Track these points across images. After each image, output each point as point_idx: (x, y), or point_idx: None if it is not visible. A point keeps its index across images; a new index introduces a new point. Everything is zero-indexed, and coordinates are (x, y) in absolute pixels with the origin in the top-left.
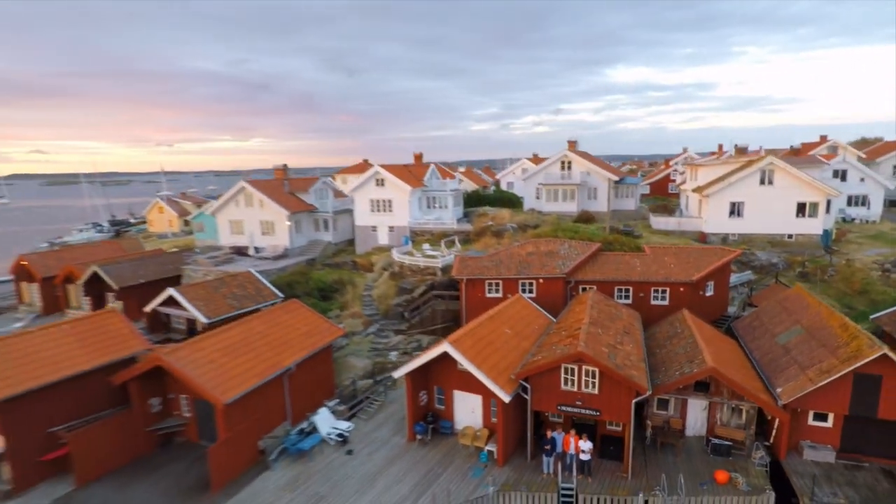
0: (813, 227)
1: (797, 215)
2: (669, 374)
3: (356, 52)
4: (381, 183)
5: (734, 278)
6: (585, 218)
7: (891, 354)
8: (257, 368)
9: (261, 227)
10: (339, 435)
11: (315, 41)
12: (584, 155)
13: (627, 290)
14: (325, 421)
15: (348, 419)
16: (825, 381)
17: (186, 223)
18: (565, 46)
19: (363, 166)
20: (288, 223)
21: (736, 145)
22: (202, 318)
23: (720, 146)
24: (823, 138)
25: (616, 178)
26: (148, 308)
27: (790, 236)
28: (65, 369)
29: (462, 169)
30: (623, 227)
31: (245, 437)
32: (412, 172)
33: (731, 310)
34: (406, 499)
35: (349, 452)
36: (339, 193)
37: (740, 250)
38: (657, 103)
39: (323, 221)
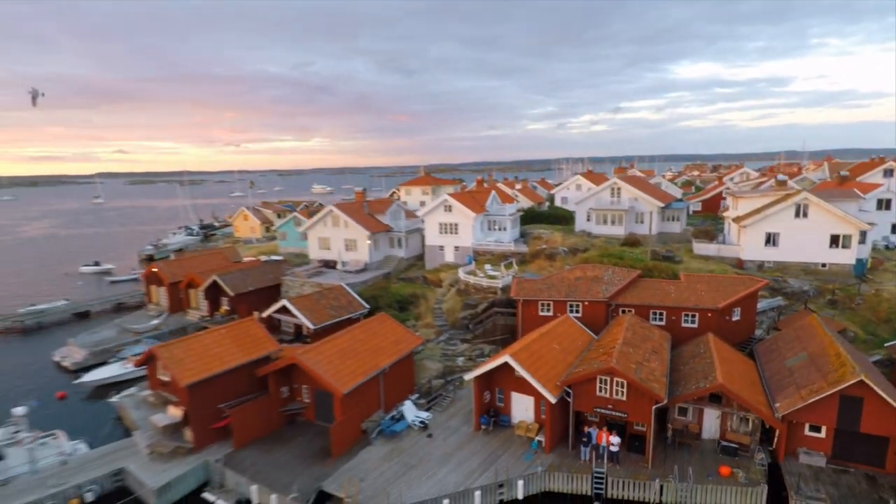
0: (846, 257)
1: (830, 246)
2: (687, 387)
3: (412, 53)
4: (448, 209)
5: (764, 303)
6: (632, 241)
7: (867, 381)
8: (362, 368)
9: (345, 244)
10: (422, 422)
11: (373, 43)
12: (633, 180)
13: (661, 314)
14: (410, 411)
15: (427, 410)
16: (813, 400)
17: (267, 229)
18: (625, 43)
19: (425, 179)
20: (368, 242)
21: (776, 178)
22: (309, 325)
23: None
24: (881, 160)
25: (662, 204)
26: (265, 314)
27: (824, 265)
28: (227, 363)
29: (519, 186)
30: (665, 252)
31: (353, 420)
32: (476, 199)
33: (759, 332)
34: (474, 472)
35: (429, 436)
36: (410, 214)
37: (766, 281)
38: (724, 100)
39: (397, 239)
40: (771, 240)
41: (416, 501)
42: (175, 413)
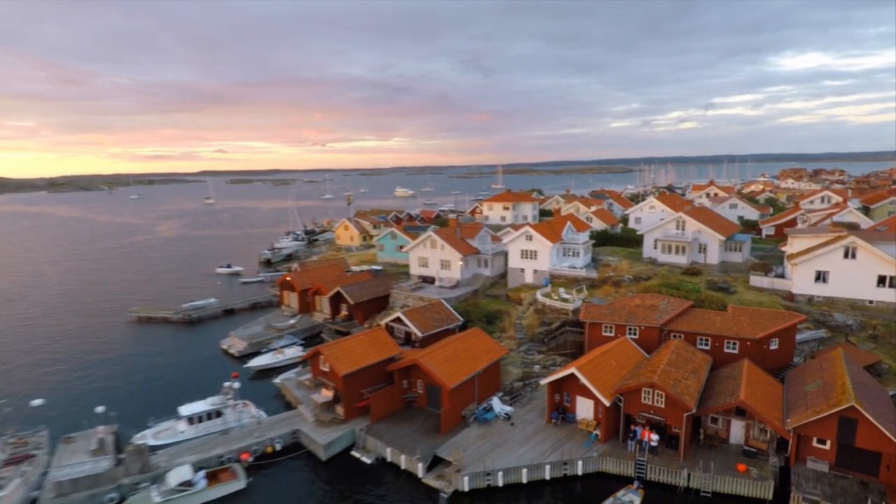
0: (892, 295)
1: (878, 285)
2: (716, 401)
3: (492, 52)
4: (529, 238)
5: (807, 334)
6: (692, 271)
7: (858, 407)
8: (463, 370)
9: (441, 263)
10: (506, 414)
11: (453, 43)
12: (699, 213)
13: (707, 340)
14: (497, 404)
15: (510, 405)
16: (815, 418)
17: (364, 239)
18: (719, 34)
19: (506, 196)
20: (460, 262)
21: (833, 220)
22: (418, 333)
23: None
24: None
25: (723, 237)
26: (382, 322)
27: (871, 302)
28: (367, 360)
29: (594, 209)
30: (721, 282)
31: (456, 408)
32: (553, 229)
33: (797, 360)
34: (545, 452)
35: (511, 424)
36: (495, 238)
37: (803, 317)
38: (834, 93)
39: (483, 260)
40: (821, 277)
41: (502, 467)
42: (328, 394)
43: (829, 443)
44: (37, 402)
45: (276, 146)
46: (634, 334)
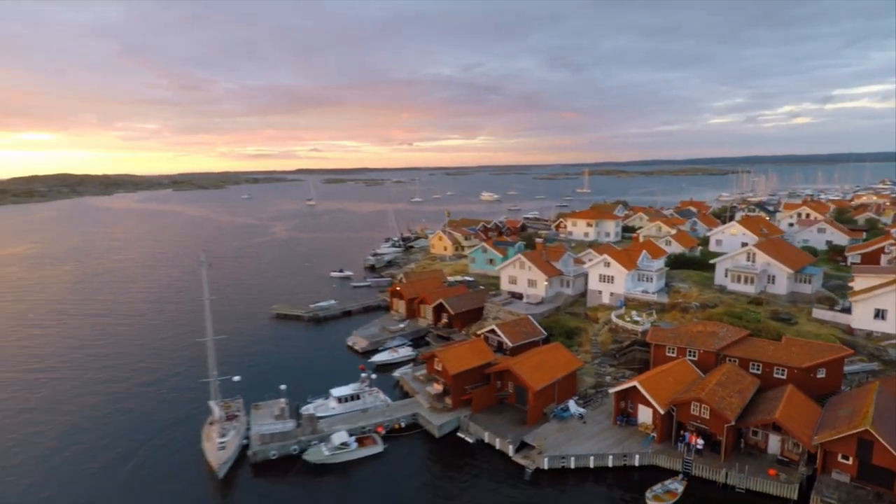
0: None
1: None
2: (755, 417)
3: (582, 48)
4: (607, 265)
5: (858, 366)
6: (758, 301)
7: (872, 431)
8: (547, 376)
9: (528, 282)
10: (580, 414)
11: (541, 41)
12: (769, 246)
13: (758, 366)
14: (573, 406)
15: (583, 407)
16: (836, 437)
17: (456, 249)
18: (842, 18)
19: (589, 213)
20: (545, 282)
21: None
22: (509, 343)
23: None
24: None
25: (792, 270)
26: (479, 333)
27: None
28: (470, 364)
29: (673, 232)
30: (784, 313)
31: (539, 406)
32: (630, 256)
33: (845, 388)
34: (610, 446)
35: (584, 422)
36: (577, 261)
37: (850, 351)
38: None
39: (566, 281)
40: (880, 314)
41: (574, 454)
42: (438, 388)
43: (850, 459)
44: (236, 378)
45: (366, 145)
46: (694, 356)
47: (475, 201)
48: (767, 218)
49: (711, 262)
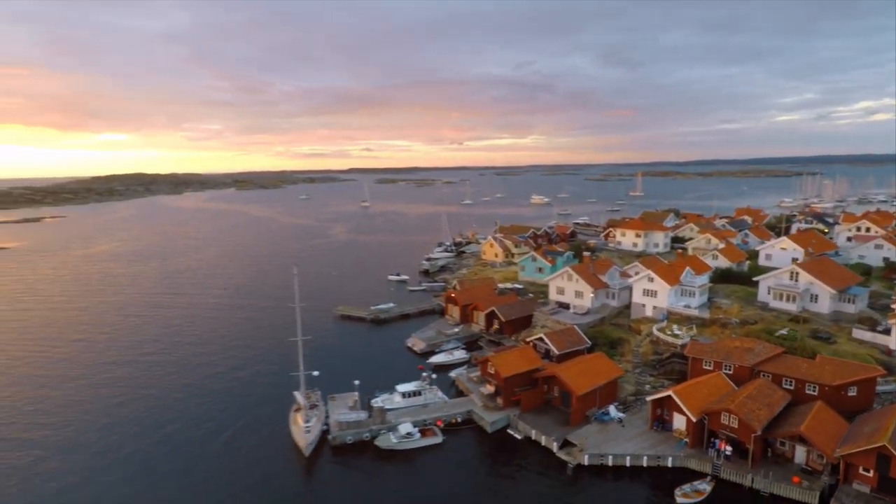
0: None
1: None
2: (782, 429)
3: (640, 43)
4: (651, 280)
5: (893, 386)
6: (797, 319)
7: (888, 445)
8: (589, 382)
9: (575, 293)
10: (619, 418)
11: (595, 37)
12: (813, 266)
13: (791, 382)
14: (613, 411)
15: (623, 412)
16: (855, 450)
17: (507, 256)
18: None
19: (638, 224)
20: (592, 294)
21: None
22: (555, 351)
23: None
24: None
25: (835, 290)
26: (527, 340)
27: None
28: (521, 368)
29: (722, 245)
30: (823, 333)
31: (582, 409)
32: (674, 271)
33: (877, 406)
34: (646, 448)
35: (622, 426)
36: (623, 274)
37: (882, 371)
38: None
39: (611, 293)
40: None
41: (612, 453)
42: (490, 388)
43: (871, 471)
44: (315, 372)
45: (417, 144)
46: (729, 370)
47: (525, 204)
48: (825, 231)
49: (755, 279)
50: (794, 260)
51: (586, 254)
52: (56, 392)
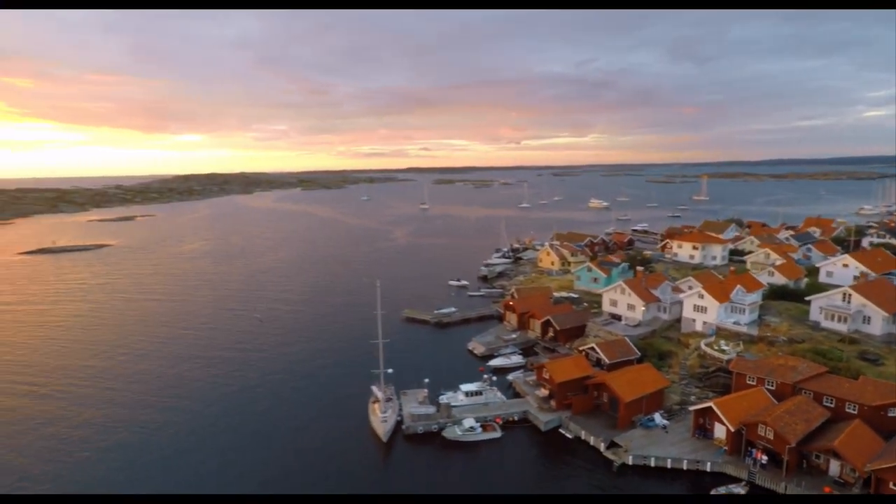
0: None
1: None
2: (817, 443)
3: (709, 37)
4: (701, 297)
5: None
6: (848, 339)
7: None
8: (637, 390)
9: (627, 306)
10: (663, 425)
11: (661, 32)
12: (867, 288)
13: (831, 400)
14: (658, 418)
15: (667, 420)
16: (884, 466)
17: (563, 264)
18: None
19: (696, 237)
20: (643, 308)
21: None
22: (606, 360)
23: None
24: None
25: (887, 313)
26: (580, 349)
27: None
28: (573, 375)
29: (779, 262)
30: (871, 354)
31: (629, 415)
32: (724, 289)
33: None
34: (687, 453)
35: (666, 432)
36: (675, 289)
37: None
38: None
39: (662, 307)
40: None
41: (655, 455)
42: (545, 392)
43: None
44: (389, 370)
45: (474, 144)
46: (771, 386)
47: (583, 208)
48: None
49: (807, 298)
50: (856, 278)
51: (639, 269)
52: (179, 369)
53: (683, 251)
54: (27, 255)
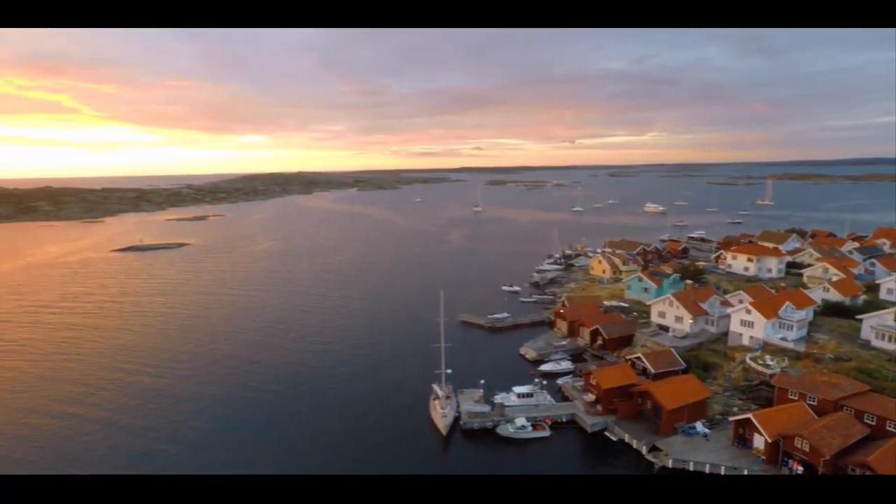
0: None
1: None
2: (852, 457)
3: (781, 29)
4: (749, 312)
5: None
6: (894, 359)
7: None
8: (679, 399)
9: (675, 318)
10: (705, 434)
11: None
12: None
13: (872, 418)
14: (699, 426)
15: (708, 428)
16: None
17: (615, 272)
18: None
19: (751, 248)
20: (690, 321)
21: None
22: (651, 370)
23: None
24: None
25: None
26: (627, 358)
27: None
28: (619, 382)
29: (836, 278)
30: None
31: (671, 422)
32: (772, 306)
33: None
34: (725, 460)
35: (707, 440)
36: (725, 302)
37: None
38: None
39: (710, 320)
40: None
41: (695, 460)
42: (591, 397)
43: None
44: (448, 370)
45: (527, 143)
46: (812, 402)
47: (638, 212)
48: None
49: (858, 317)
50: None
51: (688, 282)
52: (262, 357)
53: (738, 263)
54: (120, 252)
